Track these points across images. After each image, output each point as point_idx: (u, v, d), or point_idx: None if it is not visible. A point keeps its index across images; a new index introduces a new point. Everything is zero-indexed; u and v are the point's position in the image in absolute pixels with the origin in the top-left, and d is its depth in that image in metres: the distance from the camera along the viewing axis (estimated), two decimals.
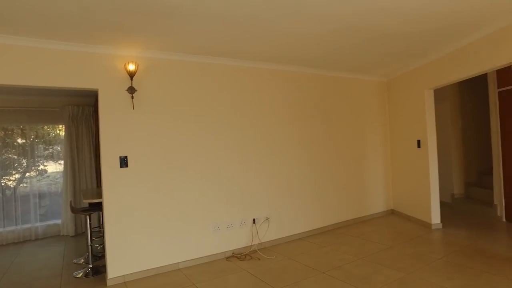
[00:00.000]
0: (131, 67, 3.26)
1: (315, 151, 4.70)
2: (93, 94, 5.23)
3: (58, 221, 5.47)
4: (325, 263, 3.50)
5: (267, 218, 4.19)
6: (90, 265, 3.66)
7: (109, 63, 3.28)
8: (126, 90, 3.33)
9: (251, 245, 4.03)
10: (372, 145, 5.41)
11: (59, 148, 5.79)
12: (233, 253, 3.89)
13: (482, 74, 4.02)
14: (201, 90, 3.81)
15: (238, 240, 3.97)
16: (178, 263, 3.58)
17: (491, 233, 4.25)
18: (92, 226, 4.23)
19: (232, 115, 4.01)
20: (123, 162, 3.32)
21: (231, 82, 4.01)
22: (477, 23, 3.24)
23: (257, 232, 4.09)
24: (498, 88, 4.83)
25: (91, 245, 3.74)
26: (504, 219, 4.81)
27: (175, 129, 3.63)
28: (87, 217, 3.80)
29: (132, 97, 3.34)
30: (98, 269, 3.66)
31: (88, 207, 3.94)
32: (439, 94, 5.97)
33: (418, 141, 4.83)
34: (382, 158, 5.53)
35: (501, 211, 4.88)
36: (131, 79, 3.31)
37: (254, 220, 4.08)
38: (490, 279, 2.89)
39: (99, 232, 4.86)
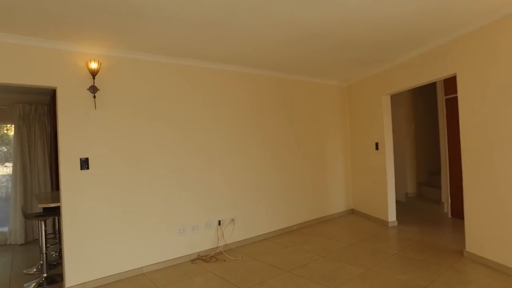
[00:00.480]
0: (94, 65, 3.13)
1: (279, 153, 4.80)
2: (48, 92, 4.94)
3: (5, 229, 5.07)
4: (290, 262, 3.59)
5: (233, 220, 4.20)
6: (45, 275, 3.44)
7: (70, 61, 3.13)
8: (88, 89, 3.19)
9: (217, 247, 4.02)
10: (334, 148, 5.63)
11: (5, 149, 5.39)
12: (198, 255, 3.86)
13: (432, 82, 4.35)
14: (167, 91, 3.75)
15: (204, 242, 3.95)
16: (142, 267, 3.48)
17: (439, 228, 4.61)
18: (47, 233, 3.98)
19: (198, 117, 3.98)
20: (84, 164, 3.17)
21: (198, 84, 3.99)
22: (427, 37, 3.51)
23: (223, 233, 4.10)
24: (445, 95, 5.25)
25: (45, 253, 3.52)
26: (450, 215, 5.23)
27: (139, 130, 3.54)
28: (42, 223, 3.57)
29: (94, 97, 3.21)
30: (54, 278, 3.46)
31: (42, 213, 3.71)
32: (395, 99, 6.35)
33: (376, 144, 5.11)
34: (343, 160, 5.77)
35: (447, 208, 5.30)
36: (93, 78, 3.18)
37: (219, 221, 4.08)
38: (438, 270, 3.14)
39: (54, 238, 4.59)
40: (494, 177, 3.11)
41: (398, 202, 6.13)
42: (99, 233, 3.24)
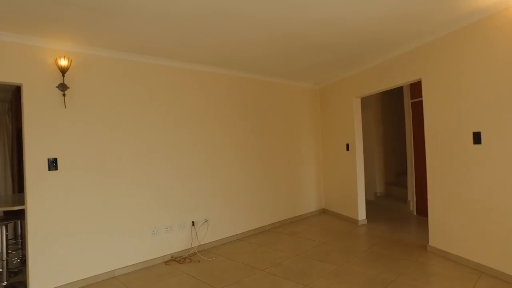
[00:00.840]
0: (63, 62, 3.03)
1: (252, 154, 4.85)
2: (9, 89, 4.69)
3: None
4: (264, 261, 3.63)
5: (206, 220, 4.19)
6: (5, 283, 3.26)
7: (37, 57, 3.00)
8: (57, 87, 3.07)
9: (191, 248, 3.99)
10: (306, 149, 5.74)
11: None
12: (172, 257, 3.81)
13: (400, 86, 4.57)
14: (140, 90, 3.69)
15: (177, 243, 3.91)
16: (113, 270, 3.39)
17: (406, 225, 4.84)
18: (8, 238, 3.78)
19: (172, 117, 3.94)
20: (52, 164, 3.05)
21: (170, 84, 3.95)
22: (395, 43, 3.68)
23: (197, 234, 4.07)
24: (412, 99, 5.52)
25: (6, 260, 3.34)
26: (415, 213, 5.49)
27: (111, 130, 3.45)
28: (3, 227, 3.39)
29: (64, 95, 3.10)
30: (15, 286, 3.28)
31: (3, 216, 3.52)
32: (365, 102, 6.59)
33: (347, 145, 5.28)
34: (315, 161, 5.90)
35: (413, 206, 5.57)
36: (63, 76, 3.07)
37: (193, 222, 4.05)
38: (405, 264, 3.30)
39: (16, 244, 4.36)
40: (454, 176, 3.32)
41: (367, 201, 6.35)
42: (67, 236, 3.12)
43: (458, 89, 3.24)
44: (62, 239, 3.09)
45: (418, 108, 5.26)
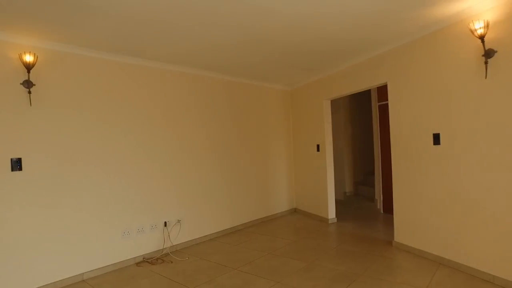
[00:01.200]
0: (28, 58, 2.92)
1: (225, 154, 4.88)
2: None
3: None
4: (237, 260, 3.67)
5: (179, 221, 4.17)
6: None
7: None
8: (21, 84, 2.95)
9: (163, 249, 3.95)
10: (278, 149, 5.85)
11: None
12: (144, 258, 3.76)
13: (368, 89, 4.77)
14: (111, 89, 3.62)
15: (149, 244, 3.86)
16: (82, 273, 3.29)
17: (373, 223, 5.05)
18: None
19: (144, 117, 3.90)
20: (16, 164, 2.92)
21: (143, 84, 3.91)
22: (363, 48, 3.85)
23: (169, 235, 4.04)
24: (379, 102, 5.77)
25: None
26: (382, 211, 5.74)
27: (80, 129, 3.36)
28: None
29: (30, 92, 2.98)
30: None
31: None
32: (335, 104, 6.80)
33: (318, 146, 5.43)
34: (286, 162, 6.01)
35: (380, 204, 5.82)
36: (28, 72, 2.95)
37: (165, 223, 4.02)
38: (371, 259, 3.46)
39: None
40: (416, 175, 3.52)
41: (337, 201, 6.54)
42: (32, 239, 3.00)
43: (420, 93, 3.45)
44: (27, 242, 2.97)
45: (384, 111, 5.51)
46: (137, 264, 3.66)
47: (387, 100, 3.97)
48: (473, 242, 2.95)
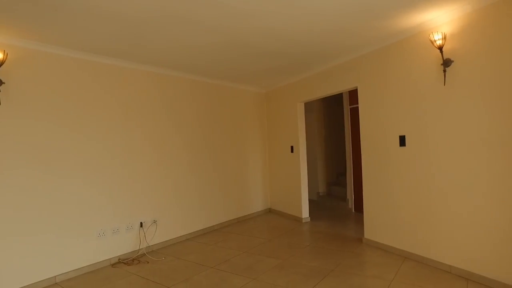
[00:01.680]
0: None
1: (201, 155, 4.92)
2: None
3: None
4: (213, 259, 3.73)
5: (155, 221, 4.17)
6: None
7: None
8: None
9: (139, 249, 3.95)
10: (253, 150, 5.96)
11: None
12: (119, 259, 3.74)
13: (340, 93, 4.98)
14: (86, 90, 3.59)
15: (125, 245, 3.84)
16: (55, 276, 3.24)
17: (345, 222, 5.26)
18: None
19: (118, 118, 3.88)
20: None
21: (119, 84, 3.89)
22: (335, 53, 4.04)
23: (145, 235, 4.04)
24: (350, 105, 6.02)
25: None
26: (353, 210, 5.98)
27: (52, 128, 3.31)
28: None
29: None
30: None
31: None
32: (308, 107, 7.00)
33: (292, 147, 5.59)
34: (261, 162, 6.13)
35: (351, 204, 6.06)
36: None
37: (141, 223, 4.01)
38: (343, 255, 3.63)
39: None
40: (384, 176, 3.74)
41: (310, 201, 6.74)
42: (2, 240, 2.93)
43: (388, 97, 3.67)
44: None
45: (356, 114, 5.76)
46: (113, 265, 3.64)
47: (358, 103, 4.18)
48: (434, 237, 3.18)
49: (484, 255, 2.77)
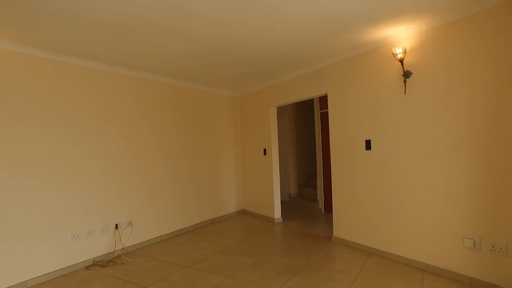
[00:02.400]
0: None
1: (175, 157, 4.98)
2: None
3: None
4: (189, 259, 3.82)
5: (130, 223, 4.19)
6: None
7: None
8: None
9: (114, 251, 3.95)
10: (227, 153, 6.08)
11: None
12: (94, 262, 3.73)
13: (311, 98, 5.23)
14: (62, 91, 3.57)
15: (100, 247, 3.84)
16: (26, 281, 3.19)
17: (315, 221, 5.50)
18: None
19: (94, 119, 3.88)
20: None
21: (96, 86, 3.89)
22: (307, 61, 4.26)
23: (120, 237, 4.05)
24: (320, 110, 6.30)
25: None
26: (323, 210, 6.26)
27: (25, 129, 3.27)
28: None
29: None
30: None
31: None
32: (281, 111, 7.23)
33: (264, 150, 5.77)
34: (235, 165, 6.27)
35: (321, 204, 6.33)
36: None
37: (116, 225, 4.02)
38: (313, 253, 3.84)
39: None
40: (351, 178, 4.00)
41: (282, 202, 6.96)
42: None
43: (355, 104, 3.94)
44: None
45: (325, 118, 6.05)
46: (87, 267, 3.63)
47: (327, 108, 4.43)
48: (396, 234, 3.47)
49: (438, 248, 3.08)
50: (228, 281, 3.15)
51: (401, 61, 3.17)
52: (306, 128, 7.86)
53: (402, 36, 3.26)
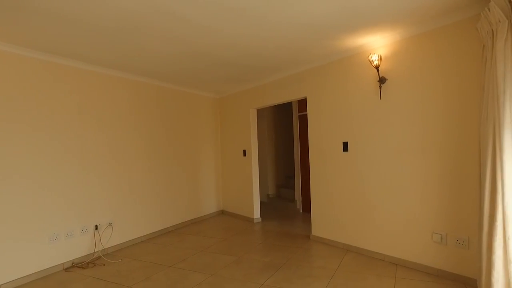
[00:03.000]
0: None
1: (156, 158, 4.98)
2: None
3: None
4: (171, 258, 3.84)
5: (110, 224, 4.15)
6: None
7: None
8: None
9: (94, 252, 3.91)
10: (206, 154, 6.12)
11: None
12: (73, 263, 3.68)
13: (290, 101, 5.37)
14: (43, 89, 3.50)
15: (80, 248, 3.78)
16: (1, 285, 3.10)
17: (294, 221, 5.65)
18: None
19: (74, 119, 3.83)
20: None
21: (78, 86, 3.84)
22: (287, 66, 4.40)
23: (100, 238, 4.00)
24: (299, 112, 6.48)
25: None
26: (301, 210, 6.42)
27: (5, 124, 3.20)
28: None
29: None
30: None
31: None
32: (260, 113, 7.35)
33: (244, 151, 5.86)
34: (214, 166, 6.32)
35: (299, 204, 6.50)
36: None
37: (96, 226, 3.97)
38: (293, 251, 3.98)
39: None
40: (329, 179, 4.17)
41: (261, 202, 7.07)
42: None
43: (332, 107, 4.11)
44: None
45: (304, 121, 6.22)
46: (66, 269, 3.58)
47: (306, 111, 4.58)
48: (371, 231, 3.67)
49: (410, 244, 3.30)
50: (212, 278, 3.21)
51: (377, 67, 3.37)
52: (285, 129, 8.03)
53: (378, 44, 3.47)
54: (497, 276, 2.25)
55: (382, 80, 3.41)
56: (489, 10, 2.34)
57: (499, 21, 2.27)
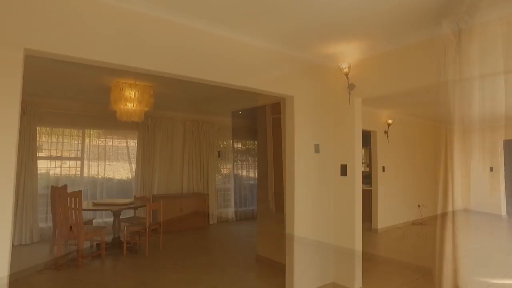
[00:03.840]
0: None
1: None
2: None
3: None
4: None
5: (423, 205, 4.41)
6: None
7: None
8: None
9: None
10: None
11: None
12: None
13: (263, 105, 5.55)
14: None
15: None
16: None
17: (268, 220, 5.81)
18: None
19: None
20: None
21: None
22: (262, 69, 4.57)
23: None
24: (272, 115, 6.64)
25: None
26: (274, 210, 6.59)
27: None
28: None
29: None
30: None
31: None
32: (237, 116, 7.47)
33: (218, 152, 5.97)
34: None
35: (272, 204, 6.66)
36: None
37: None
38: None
39: None
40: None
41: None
42: None
43: (308, 110, 4.33)
44: None
45: (277, 123, 6.40)
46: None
47: (279, 114, 4.76)
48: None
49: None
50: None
51: (347, 75, 3.64)
52: (261, 132, 8.17)
53: (347, 53, 3.73)
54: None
55: (351, 86, 3.69)
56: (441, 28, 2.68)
57: (449, 40, 2.62)
